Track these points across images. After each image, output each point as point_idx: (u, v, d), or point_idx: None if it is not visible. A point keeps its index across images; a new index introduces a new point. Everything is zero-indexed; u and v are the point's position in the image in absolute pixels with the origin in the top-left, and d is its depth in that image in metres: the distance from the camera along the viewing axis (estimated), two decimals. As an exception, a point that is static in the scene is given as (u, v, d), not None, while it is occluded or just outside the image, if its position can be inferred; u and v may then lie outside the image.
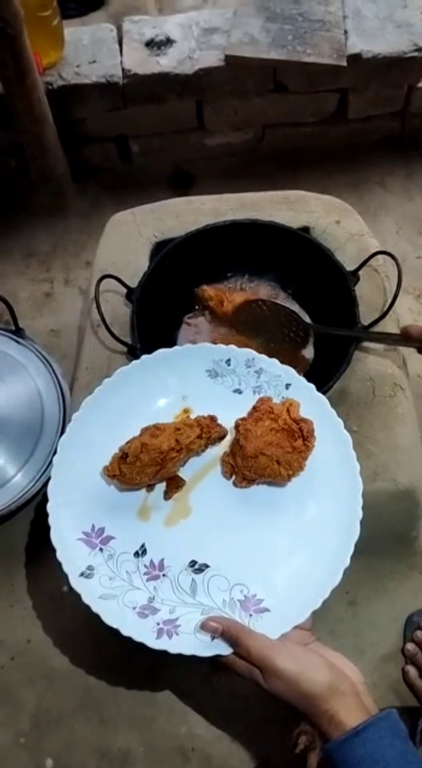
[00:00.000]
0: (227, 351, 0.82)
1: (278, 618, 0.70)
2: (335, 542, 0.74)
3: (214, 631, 0.68)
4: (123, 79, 1.41)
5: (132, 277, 1.07)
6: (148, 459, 0.73)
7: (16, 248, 1.59)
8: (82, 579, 0.72)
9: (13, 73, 1.24)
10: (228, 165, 1.67)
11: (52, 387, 1.17)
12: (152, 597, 0.72)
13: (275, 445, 0.75)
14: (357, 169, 1.65)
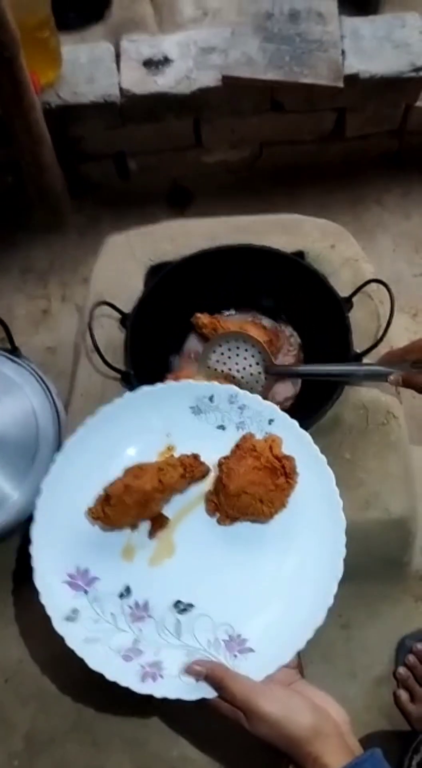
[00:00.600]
0: (210, 388, 0.82)
1: (262, 658, 0.70)
2: (319, 580, 0.74)
3: (198, 674, 0.68)
4: (120, 99, 1.41)
5: (127, 302, 1.07)
6: (131, 500, 0.73)
7: (13, 264, 1.59)
8: (66, 623, 0.71)
9: (10, 95, 1.24)
10: (225, 182, 1.67)
11: (48, 407, 1.18)
12: (137, 639, 0.72)
13: (257, 483, 0.75)
14: (354, 187, 1.65)
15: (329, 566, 0.74)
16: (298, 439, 0.79)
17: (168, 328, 1.09)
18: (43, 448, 1.14)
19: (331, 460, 0.97)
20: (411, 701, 1.06)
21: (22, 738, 1.07)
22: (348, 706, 1.05)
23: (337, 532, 0.75)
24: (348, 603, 1.10)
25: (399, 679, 1.08)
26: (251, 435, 0.80)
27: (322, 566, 0.74)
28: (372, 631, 1.11)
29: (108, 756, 1.05)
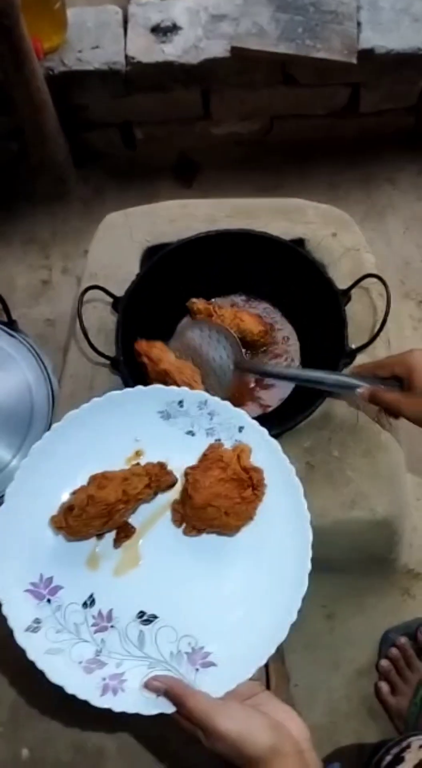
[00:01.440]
0: (179, 393, 0.80)
1: (224, 673, 0.69)
2: (284, 595, 0.72)
3: (157, 690, 0.67)
4: (126, 67, 1.37)
5: (121, 284, 1.05)
6: (94, 511, 0.72)
7: (15, 234, 1.57)
8: (27, 633, 0.69)
9: (11, 63, 1.21)
10: (234, 155, 1.63)
11: (42, 382, 1.18)
12: (99, 650, 0.71)
13: (223, 496, 0.73)
14: (366, 164, 1.61)
15: (295, 581, 0.72)
16: (268, 447, 0.77)
17: (161, 313, 1.07)
18: (36, 423, 1.14)
19: (320, 457, 0.97)
20: (391, 694, 1.07)
21: (7, 708, 1.09)
22: (329, 696, 1.07)
23: (304, 546, 0.73)
24: (333, 595, 1.10)
25: (381, 671, 1.08)
26: (219, 444, 0.78)
27: (288, 581, 0.73)
28: (356, 623, 1.12)
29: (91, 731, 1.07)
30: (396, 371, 0.85)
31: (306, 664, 1.09)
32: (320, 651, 1.10)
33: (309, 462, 0.96)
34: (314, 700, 1.07)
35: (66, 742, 1.06)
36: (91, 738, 1.07)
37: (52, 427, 0.77)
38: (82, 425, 0.78)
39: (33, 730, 1.07)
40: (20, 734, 1.07)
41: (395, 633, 1.10)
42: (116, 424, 0.79)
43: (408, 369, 0.83)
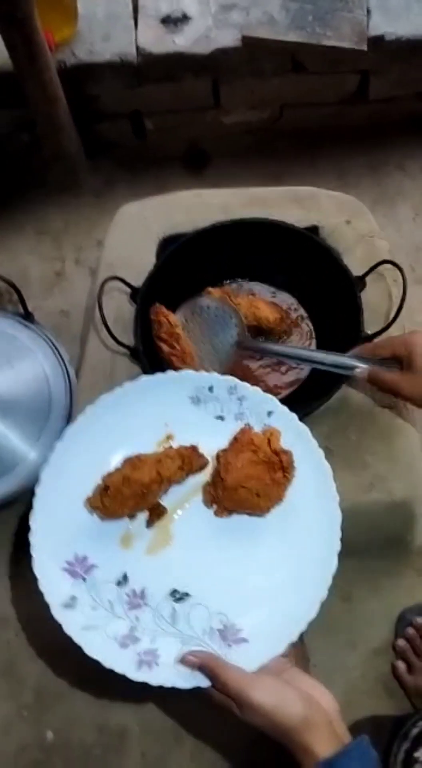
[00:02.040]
0: (209, 378, 0.82)
1: (255, 649, 0.72)
2: (313, 574, 0.74)
3: (192, 665, 0.70)
4: (137, 58, 1.37)
5: (138, 274, 1.06)
6: (129, 492, 0.74)
7: (28, 225, 1.58)
8: (64, 610, 0.72)
9: (24, 56, 1.22)
10: (244, 143, 1.63)
11: (60, 373, 1.19)
12: (133, 626, 0.74)
13: (255, 477, 0.75)
14: (376, 151, 1.61)
15: (323, 560, 0.74)
16: (297, 432, 0.79)
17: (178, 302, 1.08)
18: (54, 414, 1.15)
19: (338, 441, 0.98)
20: (408, 672, 1.09)
21: (31, 690, 1.12)
22: (347, 675, 1.09)
23: (333, 526, 0.76)
24: (350, 577, 1.12)
25: (398, 651, 1.10)
26: (249, 428, 0.80)
27: (317, 560, 0.75)
28: (373, 604, 1.14)
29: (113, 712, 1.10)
30: (397, 351, 0.84)
31: (324, 645, 1.11)
32: (338, 632, 1.12)
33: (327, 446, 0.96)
34: (332, 679, 1.09)
35: (89, 724, 1.09)
36: (114, 718, 1.09)
37: (85, 410, 0.79)
38: (114, 409, 0.80)
39: (56, 713, 1.10)
40: (44, 717, 1.10)
41: (411, 613, 1.12)
42: (147, 409, 0.81)
43: (408, 348, 0.82)
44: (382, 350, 0.87)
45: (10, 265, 1.52)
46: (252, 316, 1.05)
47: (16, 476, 1.11)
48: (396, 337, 0.87)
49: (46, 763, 1.07)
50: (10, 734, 1.09)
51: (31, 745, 1.09)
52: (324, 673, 1.09)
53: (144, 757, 1.07)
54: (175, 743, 1.08)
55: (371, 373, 0.86)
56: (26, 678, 1.13)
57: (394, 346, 0.85)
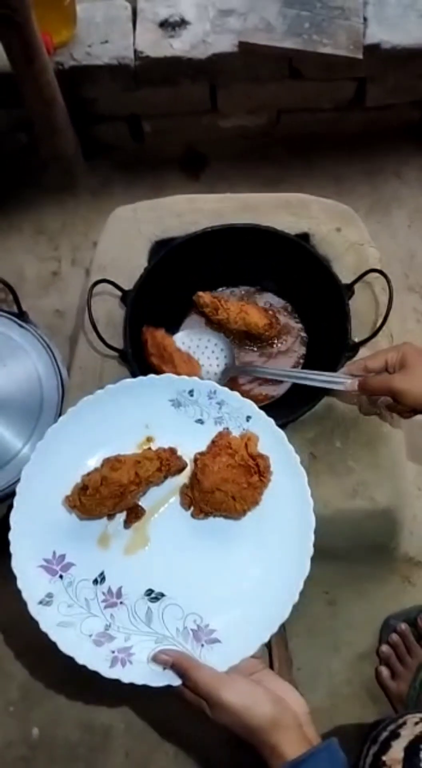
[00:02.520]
0: (190, 382, 0.83)
1: (228, 649, 0.73)
2: (286, 577, 0.75)
3: (165, 663, 0.71)
4: (135, 62, 1.38)
5: (129, 277, 1.07)
6: (107, 492, 0.75)
7: (25, 225, 1.59)
8: (40, 606, 0.73)
9: (22, 59, 1.23)
10: (241, 148, 1.64)
11: (52, 372, 1.20)
12: (108, 624, 0.75)
13: (231, 481, 0.77)
14: (372, 158, 1.62)
15: (297, 564, 0.75)
16: (274, 437, 0.80)
17: (168, 306, 1.09)
18: (46, 412, 1.16)
19: (322, 448, 0.99)
20: (391, 678, 1.09)
21: (18, 688, 1.13)
22: (330, 680, 1.10)
23: (307, 531, 0.77)
24: (335, 581, 1.13)
25: (382, 656, 1.11)
26: (227, 432, 0.81)
27: (291, 564, 0.76)
28: (357, 609, 1.15)
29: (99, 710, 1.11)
30: (390, 359, 0.86)
31: (308, 649, 1.12)
32: (322, 636, 1.13)
33: (312, 452, 0.98)
34: (316, 683, 1.10)
35: (74, 722, 1.10)
36: (99, 717, 1.10)
37: (67, 410, 0.81)
38: (95, 410, 0.81)
39: (43, 710, 1.11)
40: (30, 714, 1.11)
41: (396, 619, 1.13)
42: (128, 411, 0.82)
43: (400, 351, 0.85)
44: (374, 361, 0.88)
45: (7, 265, 1.54)
46: (241, 322, 1.05)
47: (7, 474, 1.13)
48: (383, 350, 0.88)
49: (32, 759, 1.08)
50: (-3, 730, 1.10)
51: (17, 741, 1.10)
52: (308, 677, 1.10)
53: (128, 756, 1.08)
54: (159, 743, 1.09)
55: (362, 382, 0.87)
56: (13, 675, 1.14)
57: (387, 354, 0.86)
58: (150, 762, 1.07)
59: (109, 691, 1.10)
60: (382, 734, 0.79)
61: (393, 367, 0.86)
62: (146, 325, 1.03)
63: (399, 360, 0.85)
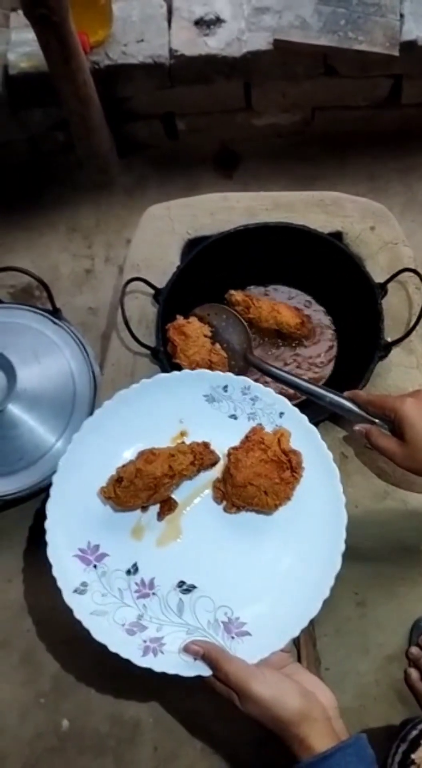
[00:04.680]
0: (224, 378, 0.84)
1: (258, 643, 0.74)
2: (317, 572, 0.76)
3: (196, 653, 0.72)
4: (170, 60, 1.39)
5: (162, 275, 1.08)
6: (141, 484, 0.76)
7: (60, 222, 1.61)
8: (75, 595, 0.76)
9: (59, 57, 1.24)
10: (275, 146, 1.64)
11: (85, 370, 1.21)
12: (141, 615, 0.76)
13: (263, 476, 0.77)
14: (407, 156, 1.60)
15: (328, 560, 0.76)
16: (306, 433, 0.81)
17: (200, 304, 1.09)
18: (78, 408, 1.18)
19: (354, 448, 0.99)
20: (420, 680, 1.08)
21: (49, 679, 1.15)
22: (359, 680, 1.10)
23: (338, 527, 0.77)
24: (365, 582, 1.12)
25: (411, 658, 1.10)
26: (261, 427, 0.82)
27: (322, 560, 0.76)
28: (387, 611, 1.14)
29: (128, 703, 1.12)
30: (387, 414, 0.85)
31: (336, 649, 1.12)
32: (351, 636, 1.13)
33: (343, 452, 0.98)
34: (344, 683, 1.09)
35: (104, 714, 1.11)
36: (129, 711, 1.11)
37: (103, 404, 0.82)
38: (130, 404, 0.83)
39: (73, 702, 1.12)
40: (61, 705, 1.12)
41: (426, 622, 1.12)
42: (163, 405, 0.84)
43: (399, 418, 0.82)
44: (374, 407, 0.87)
45: (42, 262, 1.55)
46: (273, 320, 1.06)
47: (40, 468, 1.14)
48: (388, 399, 0.85)
49: (61, 750, 1.10)
50: (27, 720, 1.12)
51: (47, 732, 1.11)
52: (336, 677, 1.09)
53: (156, 750, 1.08)
54: (188, 738, 1.09)
55: (368, 433, 0.87)
56: (44, 666, 1.16)
57: (385, 408, 0.85)
58: (178, 756, 1.08)
59: (139, 685, 1.11)
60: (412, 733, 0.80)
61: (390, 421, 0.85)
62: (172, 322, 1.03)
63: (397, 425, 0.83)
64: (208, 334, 0.99)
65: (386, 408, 0.84)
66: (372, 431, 0.86)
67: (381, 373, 1.02)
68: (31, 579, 1.20)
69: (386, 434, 0.85)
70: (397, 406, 0.82)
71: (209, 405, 0.85)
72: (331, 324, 1.10)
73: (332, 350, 1.09)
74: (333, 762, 0.64)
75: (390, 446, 0.84)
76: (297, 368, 1.07)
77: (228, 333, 1.00)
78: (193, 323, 0.99)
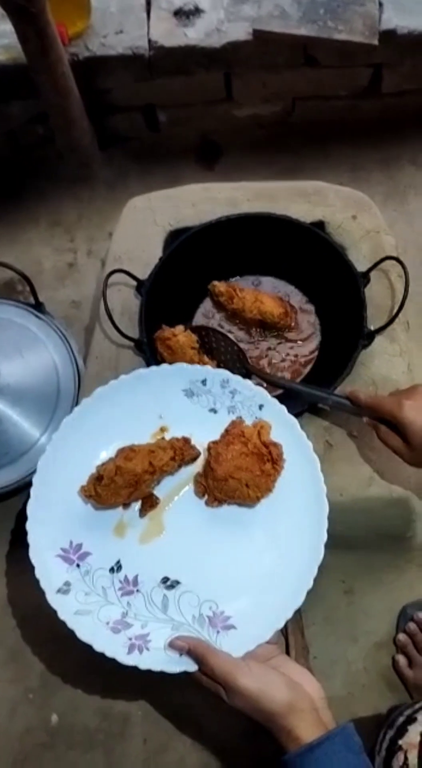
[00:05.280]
0: (203, 371, 0.83)
1: (243, 636, 0.73)
2: (300, 563, 0.76)
3: (181, 649, 0.72)
4: (149, 51, 1.38)
5: (144, 267, 1.08)
6: (122, 481, 0.76)
7: (41, 216, 1.60)
8: (58, 595, 0.75)
9: (37, 49, 1.23)
10: (256, 137, 1.63)
11: (69, 363, 1.21)
12: (125, 612, 0.76)
13: (244, 469, 0.77)
14: (388, 145, 1.60)
15: (311, 551, 0.76)
16: (287, 424, 0.81)
17: (184, 296, 1.09)
18: (63, 403, 1.17)
19: (338, 436, 0.99)
20: (408, 666, 1.09)
21: (37, 676, 1.14)
22: (347, 668, 1.10)
23: (320, 517, 0.77)
24: (352, 570, 1.13)
25: (399, 645, 1.11)
26: (240, 420, 0.82)
27: (305, 550, 0.76)
28: (374, 598, 1.14)
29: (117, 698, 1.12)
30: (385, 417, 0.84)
31: (325, 637, 1.12)
32: (339, 624, 1.13)
33: (327, 441, 0.98)
34: (333, 671, 1.10)
35: (93, 709, 1.11)
36: (117, 705, 1.11)
37: (82, 402, 0.82)
38: (110, 401, 0.82)
39: (62, 697, 1.12)
40: (50, 701, 1.12)
41: (412, 608, 1.12)
42: (142, 401, 0.83)
43: (400, 424, 0.82)
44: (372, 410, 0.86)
45: (24, 256, 1.54)
46: (256, 310, 1.06)
47: (25, 463, 1.14)
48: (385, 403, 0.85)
49: (51, 745, 1.09)
50: (17, 716, 1.11)
51: (36, 727, 1.11)
52: (325, 665, 1.10)
53: (146, 743, 1.08)
54: (177, 731, 1.09)
55: (377, 429, 0.87)
56: (32, 663, 1.15)
57: (383, 412, 0.84)
58: (167, 749, 1.07)
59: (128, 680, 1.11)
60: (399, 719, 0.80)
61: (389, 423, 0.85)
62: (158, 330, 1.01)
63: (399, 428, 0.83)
64: (194, 345, 0.98)
65: (384, 412, 0.84)
66: (380, 428, 0.86)
67: (365, 362, 1.02)
68: (15, 578, 1.20)
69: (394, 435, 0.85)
70: (395, 412, 0.82)
71: (188, 399, 0.84)
72: (314, 313, 1.10)
73: (316, 340, 1.08)
74: (321, 752, 0.64)
75: (398, 446, 0.84)
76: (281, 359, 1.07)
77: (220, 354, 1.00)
78: (179, 336, 0.98)
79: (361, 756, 0.67)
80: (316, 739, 0.65)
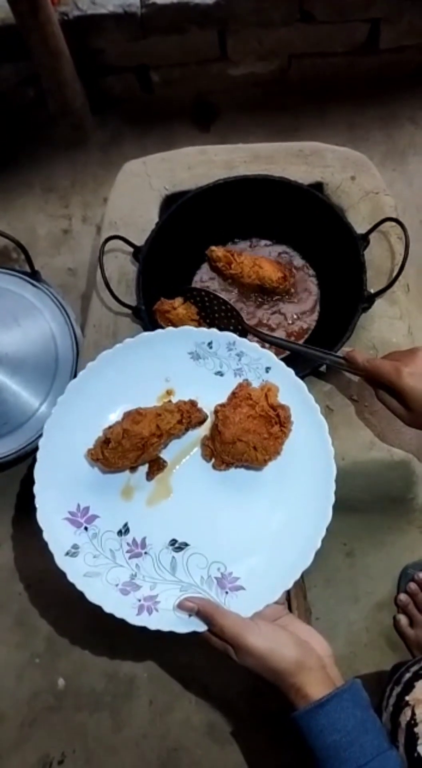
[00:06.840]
0: (209, 334, 0.83)
1: (252, 596, 0.74)
2: (307, 525, 0.76)
3: (190, 610, 0.72)
4: (141, 9, 1.34)
5: (140, 232, 1.06)
6: (129, 444, 0.76)
7: (36, 182, 1.57)
8: (67, 558, 0.75)
9: (26, 9, 1.20)
10: (252, 96, 1.60)
11: (66, 331, 1.20)
12: (134, 574, 0.76)
13: (252, 431, 0.77)
14: (387, 103, 1.57)
15: (319, 512, 0.76)
16: (294, 387, 0.80)
17: (181, 261, 1.08)
18: (61, 371, 1.17)
19: (339, 401, 0.99)
20: (409, 626, 1.11)
21: (44, 640, 1.16)
22: (349, 629, 1.11)
23: (328, 479, 0.77)
24: (353, 532, 1.14)
25: (400, 605, 1.12)
26: (247, 383, 0.81)
27: (313, 512, 0.77)
28: (375, 560, 1.15)
29: (123, 660, 1.13)
30: (383, 382, 0.84)
31: (327, 598, 1.13)
32: (340, 586, 1.14)
33: (328, 405, 0.98)
34: (335, 632, 1.11)
35: (99, 671, 1.12)
36: (123, 668, 1.13)
37: (87, 365, 0.81)
38: (115, 365, 0.82)
39: (68, 661, 1.13)
40: (56, 665, 1.13)
41: (413, 569, 1.13)
42: (148, 364, 0.83)
43: (399, 392, 0.82)
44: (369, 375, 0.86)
45: (18, 224, 1.52)
46: (255, 275, 1.04)
47: (25, 432, 1.14)
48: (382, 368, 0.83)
49: (58, 708, 1.11)
50: (24, 681, 1.13)
51: (43, 691, 1.13)
52: (328, 625, 1.11)
53: (151, 704, 1.10)
54: (182, 692, 1.11)
55: (377, 393, 0.87)
56: (38, 627, 1.17)
57: (381, 377, 0.84)
58: (173, 709, 1.09)
59: (133, 642, 1.12)
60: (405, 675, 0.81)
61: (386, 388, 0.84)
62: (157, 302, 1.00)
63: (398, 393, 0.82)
64: (194, 317, 0.97)
65: (382, 377, 0.83)
66: (380, 393, 0.86)
67: (366, 325, 1.01)
68: (20, 544, 1.20)
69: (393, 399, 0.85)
70: (394, 380, 0.81)
71: (195, 362, 0.84)
72: (314, 277, 1.09)
73: (315, 303, 1.07)
74: (330, 708, 0.66)
75: (398, 409, 0.84)
76: (281, 323, 1.06)
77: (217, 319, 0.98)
78: (178, 309, 0.97)
79: (369, 711, 0.68)
80: (325, 696, 0.66)
